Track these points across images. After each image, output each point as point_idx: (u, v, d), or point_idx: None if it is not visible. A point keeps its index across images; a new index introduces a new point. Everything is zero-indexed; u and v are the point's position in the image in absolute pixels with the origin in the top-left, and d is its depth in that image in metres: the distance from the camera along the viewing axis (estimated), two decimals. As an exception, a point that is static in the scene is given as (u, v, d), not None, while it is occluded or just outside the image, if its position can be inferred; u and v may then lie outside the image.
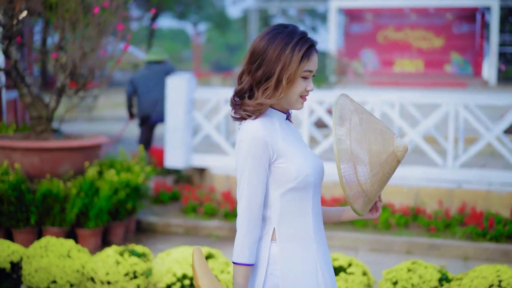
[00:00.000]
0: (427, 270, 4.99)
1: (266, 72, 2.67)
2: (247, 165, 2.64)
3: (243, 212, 2.66)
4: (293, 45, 2.66)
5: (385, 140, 2.73)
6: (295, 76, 2.67)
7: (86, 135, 8.34)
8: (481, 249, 7.29)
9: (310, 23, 39.08)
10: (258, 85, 2.69)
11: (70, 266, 5.28)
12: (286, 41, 2.67)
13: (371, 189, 2.74)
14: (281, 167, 2.68)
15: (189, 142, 9.38)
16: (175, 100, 9.29)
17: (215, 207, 8.41)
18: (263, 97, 2.67)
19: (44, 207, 7.28)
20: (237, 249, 2.66)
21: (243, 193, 2.66)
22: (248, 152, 2.64)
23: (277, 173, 2.68)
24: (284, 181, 2.69)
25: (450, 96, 8.63)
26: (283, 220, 2.72)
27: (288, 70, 2.65)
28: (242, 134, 2.67)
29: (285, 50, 2.65)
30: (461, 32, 29.84)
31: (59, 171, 7.56)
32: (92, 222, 7.34)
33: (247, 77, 2.72)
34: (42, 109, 7.87)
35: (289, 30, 2.71)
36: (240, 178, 2.67)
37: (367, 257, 7.31)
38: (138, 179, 7.80)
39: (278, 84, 2.66)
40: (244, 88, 2.72)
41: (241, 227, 2.66)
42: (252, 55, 2.71)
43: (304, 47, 2.68)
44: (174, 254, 5.26)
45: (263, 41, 2.70)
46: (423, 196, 8.35)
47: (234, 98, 2.76)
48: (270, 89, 2.67)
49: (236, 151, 2.71)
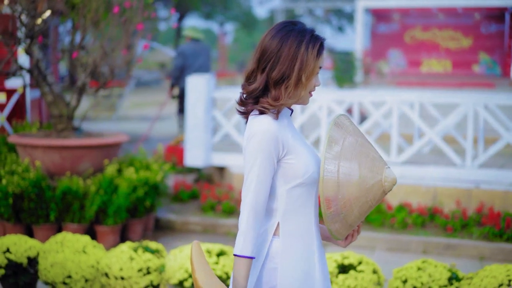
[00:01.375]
0: (437, 269, 5.01)
1: (283, 71, 2.69)
2: (258, 159, 2.66)
3: (249, 205, 2.67)
4: (307, 43, 2.71)
5: (375, 167, 2.74)
6: (312, 73, 2.73)
7: (106, 134, 8.45)
8: (497, 249, 7.27)
9: (337, 23, 39.02)
10: (276, 85, 2.72)
11: (85, 262, 5.37)
12: (300, 39, 2.71)
13: (350, 213, 2.73)
14: (290, 163, 2.71)
15: (209, 141, 9.46)
16: (195, 100, 9.37)
17: (233, 206, 8.47)
18: (286, 95, 2.71)
19: (64, 204, 7.39)
20: (241, 242, 2.67)
21: (250, 187, 2.68)
22: (259, 147, 2.65)
23: (285, 169, 2.72)
24: (292, 177, 2.72)
25: (469, 96, 8.61)
26: (288, 216, 2.76)
27: (307, 69, 2.70)
28: (253, 128, 2.69)
29: (300, 49, 2.69)
30: (490, 32, 29.60)
31: (79, 168, 7.67)
32: (111, 219, 7.43)
33: (260, 76, 2.73)
34: (63, 107, 7.99)
35: (299, 28, 2.74)
36: (249, 172, 2.69)
37: (384, 256, 7.33)
38: (157, 177, 7.89)
39: (298, 82, 2.71)
40: (259, 87, 2.73)
41: (246, 221, 2.67)
42: (263, 54, 2.73)
43: (317, 45, 2.73)
44: (186, 251, 5.33)
45: (274, 40, 2.72)
46: (440, 196, 8.35)
47: (245, 97, 2.80)
48: (291, 87, 2.70)
49: (246, 145, 2.72)
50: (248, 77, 2.78)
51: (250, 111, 2.78)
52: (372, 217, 8.04)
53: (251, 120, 2.74)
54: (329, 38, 39.95)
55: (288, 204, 2.75)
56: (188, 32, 11.84)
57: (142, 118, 20.50)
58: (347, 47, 33.65)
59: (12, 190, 7.20)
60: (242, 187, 2.72)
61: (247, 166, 2.70)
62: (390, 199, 8.52)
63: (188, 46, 11.67)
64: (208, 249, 5.32)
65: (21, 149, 7.81)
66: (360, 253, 7.28)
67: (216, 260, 5.23)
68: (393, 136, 8.72)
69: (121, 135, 8.26)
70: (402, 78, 28.54)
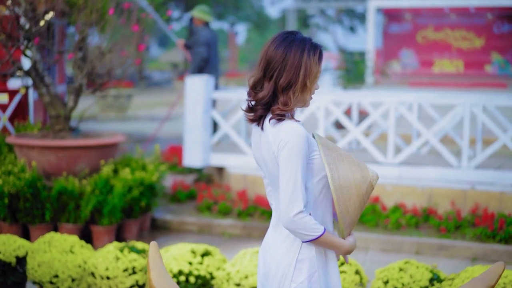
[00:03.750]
0: (418, 270, 5.03)
1: (290, 78, 2.93)
2: (295, 165, 2.86)
3: (301, 203, 2.85)
4: (308, 51, 2.96)
5: (360, 168, 3.02)
6: (315, 78, 2.98)
7: (104, 134, 8.51)
8: (490, 250, 7.28)
9: (349, 23, 38.97)
10: (284, 91, 2.94)
11: (72, 261, 5.43)
12: (302, 47, 2.95)
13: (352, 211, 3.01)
14: (316, 158, 2.96)
15: (207, 141, 9.51)
16: (193, 100, 9.42)
17: (229, 206, 8.52)
18: (294, 100, 2.95)
19: (59, 204, 7.46)
20: (310, 229, 2.86)
21: (297, 187, 2.85)
22: (296, 153, 2.86)
23: (313, 164, 2.95)
24: (318, 170, 2.97)
25: (466, 97, 8.61)
26: (316, 206, 3.01)
27: (311, 74, 2.95)
28: (283, 136, 2.89)
29: (303, 56, 2.94)
30: (502, 32, 29.47)
31: (75, 169, 7.75)
32: (106, 219, 7.50)
33: (268, 84, 2.96)
34: (60, 108, 8.06)
35: (299, 37, 2.98)
36: (290, 175, 2.86)
37: (377, 257, 7.36)
38: (152, 177, 7.95)
39: (304, 87, 2.95)
40: (267, 95, 2.95)
41: (301, 214, 2.85)
42: (269, 63, 2.95)
43: (318, 51, 2.99)
44: (172, 251, 5.38)
45: (278, 50, 2.95)
46: (436, 197, 8.35)
47: (256, 106, 3.01)
48: (297, 92, 2.94)
49: (278, 152, 2.90)
50: (255, 85, 3.00)
51: (258, 118, 3.01)
52: (366, 218, 8.06)
53: (276, 127, 2.93)
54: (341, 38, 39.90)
55: (316, 196, 3.00)
56: (202, 15, 10.84)
57: (151, 118, 20.61)
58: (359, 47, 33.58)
59: (8, 190, 7.28)
60: (283, 188, 2.88)
61: (285, 171, 2.87)
62: (385, 200, 8.54)
63: (208, 33, 10.74)
64: (193, 249, 5.37)
65: (18, 149, 7.90)
66: (354, 254, 7.33)
67: (200, 260, 5.28)
68: (390, 137, 8.73)
69: (118, 136, 8.32)
70: (414, 78, 28.49)
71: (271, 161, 2.98)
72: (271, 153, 2.96)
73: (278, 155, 2.90)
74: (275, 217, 3.14)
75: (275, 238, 3.10)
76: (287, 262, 3.01)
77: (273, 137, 2.92)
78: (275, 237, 3.10)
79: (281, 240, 3.05)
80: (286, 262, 3.01)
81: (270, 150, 2.96)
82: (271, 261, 3.08)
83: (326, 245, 2.95)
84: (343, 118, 9.06)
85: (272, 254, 3.08)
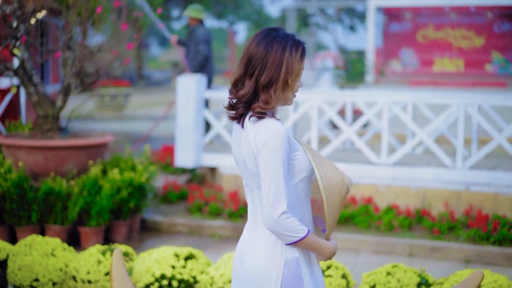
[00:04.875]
0: (406, 274, 4.91)
1: (271, 76, 2.86)
2: (277, 164, 2.79)
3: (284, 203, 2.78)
4: (290, 48, 2.88)
5: (338, 171, 2.99)
6: (297, 75, 2.91)
7: (93, 134, 8.40)
8: (483, 252, 7.16)
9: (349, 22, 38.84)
10: (265, 89, 2.87)
11: (53, 265, 5.31)
12: (284, 44, 2.88)
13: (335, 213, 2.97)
14: (297, 158, 2.88)
15: (199, 141, 9.40)
16: (185, 100, 9.31)
17: (220, 207, 8.41)
18: (275, 98, 2.87)
19: (46, 205, 7.35)
20: (293, 230, 2.79)
21: (279, 187, 2.78)
22: (277, 151, 2.79)
23: (294, 165, 2.88)
24: (298, 171, 2.89)
25: (461, 96, 8.49)
26: (295, 208, 2.92)
27: (292, 72, 2.88)
28: (265, 133, 2.81)
29: (285, 53, 2.87)
30: (503, 31, 29.33)
31: (63, 169, 7.63)
32: (94, 221, 7.39)
33: (249, 81, 2.88)
34: (48, 108, 7.95)
35: (281, 34, 2.91)
36: (271, 175, 2.79)
37: (369, 259, 7.24)
38: (142, 178, 7.83)
39: (285, 85, 2.88)
40: (248, 92, 2.88)
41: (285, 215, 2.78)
42: (250, 61, 2.88)
43: (300, 49, 2.91)
44: (155, 254, 5.27)
45: (260, 47, 2.88)
46: (430, 198, 8.23)
47: (235, 102, 2.95)
48: (279, 90, 2.87)
49: (258, 151, 2.83)
50: (236, 83, 2.93)
51: (239, 116, 2.93)
52: (359, 219, 7.94)
53: (256, 126, 2.86)
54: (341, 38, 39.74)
55: (295, 197, 2.91)
56: (196, 14, 10.82)
57: (149, 118, 20.48)
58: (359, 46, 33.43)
59: (-6, 191, 7.18)
60: (265, 188, 2.80)
61: (266, 171, 2.80)
62: (378, 201, 8.42)
63: (206, 31, 10.77)
64: (176, 253, 5.25)
65: (6, 149, 7.80)
66: (345, 256, 7.22)
67: (183, 264, 5.16)
68: (383, 137, 8.61)
69: (107, 136, 8.21)
70: (414, 77, 28.40)
71: (250, 159, 2.90)
72: (251, 152, 2.88)
73: (258, 154, 2.83)
74: (251, 219, 3.04)
75: (254, 241, 2.99)
76: (269, 265, 2.90)
77: (253, 136, 2.85)
78: (254, 239, 2.99)
79: (262, 243, 2.94)
80: (268, 265, 2.91)
81: (250, 149, 2.88)
82: (251, 265, 2.96)
83: (310, 247, 2.88)
84: (336, 118, 8.94)
85: (252, 258, 2.97)
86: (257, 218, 2.99)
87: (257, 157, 2.85)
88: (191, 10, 10.81)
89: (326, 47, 52.94)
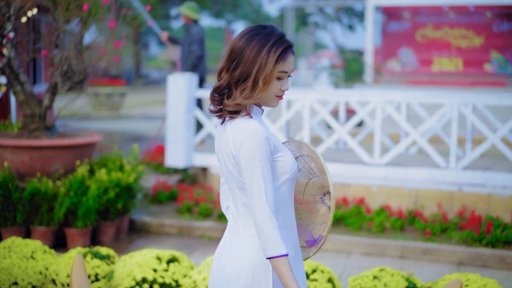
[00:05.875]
0: (393, 278, 4.78)
1: (243, 72, 2.74)
2: (258, 162, 2.69)
3: (267, 207, 2.68)
4: (269, 47, 2.74)
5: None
6: (270, 77, 2.75)
7: (81, 134, 8.27)
8: (476, 254, 7.02)
9: (347, 21, 38.70)
10: (236, 85, 2.76)
11: (32, 268, 5.19)
12: (263, 42, 2.75)
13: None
14: (280, 160, 2.78)
15: (190, 141, 9.27)
16: (176, 99, 9.18)
17: (210, 208, 8.28)
18: (241, 97, 2.74)
19: (32, 206, 7.22)
20: (274, 243, 2.65)
21: (261, 190, 2.68)
22: (256, 150, 2.69)
23: (276, 167, 2.78)
24: (281, 173, 2.79)
25: (455, 96, 8.36)
26: (279, 210, 2.80)
27: (264, 72, 2.73)
28: (242, 134, 2.71)
29: (261, 52, 2.73)
30: (502, 31, 29.22)
31: (49, 169, 7.51)
32: (80, 222, 7.26)
33: (226, 74, 2.78)
34: (35, 107, 7.82)
35: (267, 31, 2.78)
36: (252, 177, 2.69)
37: (359, 261, 7.11)
38: (129, 178, 7.70)
39: (255, 85, 2.74)
40: (222, 85, 2.78)
41: (269, 222, 2.66)
42: (230, 54, 2.78)
43: (280, 49, 2.75)
44: (136, 257, 5.14)
45: (241, 40, 2.77)
46: (422, 198, 8.10)
47: (213, 94, 2.83)
48: (248, 89, 2.74)
49: (236, 151, 2.72)
50: (219, 73, 2.83)
51: (219, 110, 2.81)
52: (350, 220, 7.81)
53: (233, 125, 2.76)
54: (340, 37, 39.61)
55: (278, 200, 2.80)
56: (190, 13, 10.63)
57: (145, 117, 20.36)
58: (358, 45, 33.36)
59: (-21, 192, 7.05)
60: (248, 191, 2.71)
61: (247, 173, 2.71)
62: (370, 202, 8.29)
63: (201, 30, 10.62)
64: (158, 256, 5.12)
65: (-9, 149, 7.67)
66: (335, 258, 7.09)
67: (166, 267, 5.04)
68: (376, 137, 8.48)
69: (94, 135, 8.08)
70: (413, 77, 28.31)
71: (228, 159, 2.79)
72: (229, 151, 2.78)
73: (237, 155, 2.73)
74: (231, 219, 2.92)
75: (238, 240, 2.85)
76: (258, 265, 2.78)
77: (231, 134, 2.76)
78: (235, 241, 2.86)
79: (246, 244, 2.81)
80: (256, 265, 2.78)
81: (228, 148, 2.78)
82: (233, 268, 2.82)
83: (281, 272, 2.66)
84: (328, 117, 8.81)
85: (233, 261, 2.83)
86: (237, 218, 2.87)
87: (235, 158, 2.75)
88: (186, 8, 10.64)
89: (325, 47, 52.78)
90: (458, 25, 29.74)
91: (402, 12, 29.99)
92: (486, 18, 29.26)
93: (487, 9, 29.03)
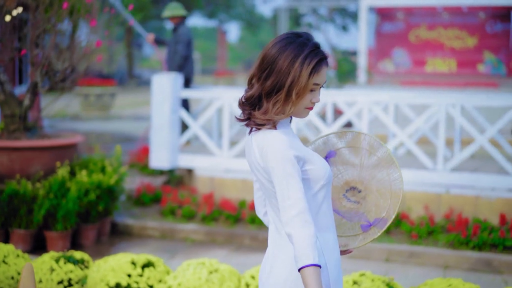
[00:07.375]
0: (374, 283, 4.65)
1: (275, 83, 2.63)
2: (286, 170, 2.59)
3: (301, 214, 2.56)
4: (303, 58, 2.62)
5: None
6: (304, 90, 2.63)
7: (63, 135, 8.13)
8: (462, 257, 6.89)
9: (341, 22, 38.58)
10: (267, 96, 2.66)
11: (4, 273, 5.04)
12: (297, 52, 2.63)
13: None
14: (309, 169, 2.68)
15: (175, 142, 9.13)
16: (160, 99, 9.05)
17: (193, 210, 8.14)
18: (273, 111, 2.64)
19: (10, 208, 7.08)
20: (308, 252, 2.51)
21: (287, 201, 2.58)
22: (282, 162, 2.59)
23: (308, 178, 2.69)
24: (315, 182, 2.70)
25: (442, 96, 8.24)
26: (319, 214, 2.74)
27: (298, 85, 2.62)
28: (267, 146, 2.63)
29: (295, 63, 2.61)
30: (495, 31, 29.19)
31: (29, 171, 7.37)
32: (60, 225, 7.12)
33: (257, 83, 2.68)
34: (15, 107, 7.68)
35: (301, 41, 2.66)
36: (281, 188, 2.60)
37: (344, 265, 6.96)
38: (111, 180, 7.56)
39: (288, 97, 2.63)
40: (254, 94, 2.68)
41: (304, 230, 2.54)
42: (262, 62, 2.68)
43: (314, 61, 2.64)
44: (110, 262, 5.00)
45: (274, 48, 2.66)
46: (409, 200, 7.98)
47: (243, 102, 2.73)
48: (280, 102, 2.63)
49: (266, 163, 2.64)
50: (250, 80, 2.73)
51: (247, 119, 2.72)
52: (335, 223, 7.67)
53: (258, 136, 2.69)
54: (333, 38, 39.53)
55: (316, 207, 2.73)
56: (176, 12, 10.41)
57: (135, 118, 20.23)
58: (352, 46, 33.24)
59: (-45, 194, 6.91)
60: (280, 202, 2.61)
61: (276, 183, 2.62)
62: (357, 204, 8.16)
63: (188, 31, 10.47)
64: (133, 260, 4.98)
65: (-30, 150, 7.52)
66: (319, 261, 6.94)
67: (140, 272, 4.90)
68: (363, 138, 8.34)
69: (75, 136, 7.94)
70: (406, 77, 28.24)
71: (257, 168, 2.72)
72: (257, 162, 2.70)
73: (265, 167, 2.65)
74: (274, 229, 2.81)
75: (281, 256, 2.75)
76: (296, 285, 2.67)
77: (257, 146, 2.68)
78: (281, 251, 2.76)
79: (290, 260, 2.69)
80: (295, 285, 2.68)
81: (256, 158, 2.70)
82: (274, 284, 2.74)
83: (315, 281, 2.52)
84: (314, 117, 8.68)
85: (276, 277, 2.74)
86: (280, 229, 2.77)
87: (264, 169, 2.68)
88: (168, 10, 10.48)
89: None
90: (451, 26, 29.69)
91: (396, 13, 29.92)
92: (480, 18, 29.21)
93: (481, 10, 28.99)
